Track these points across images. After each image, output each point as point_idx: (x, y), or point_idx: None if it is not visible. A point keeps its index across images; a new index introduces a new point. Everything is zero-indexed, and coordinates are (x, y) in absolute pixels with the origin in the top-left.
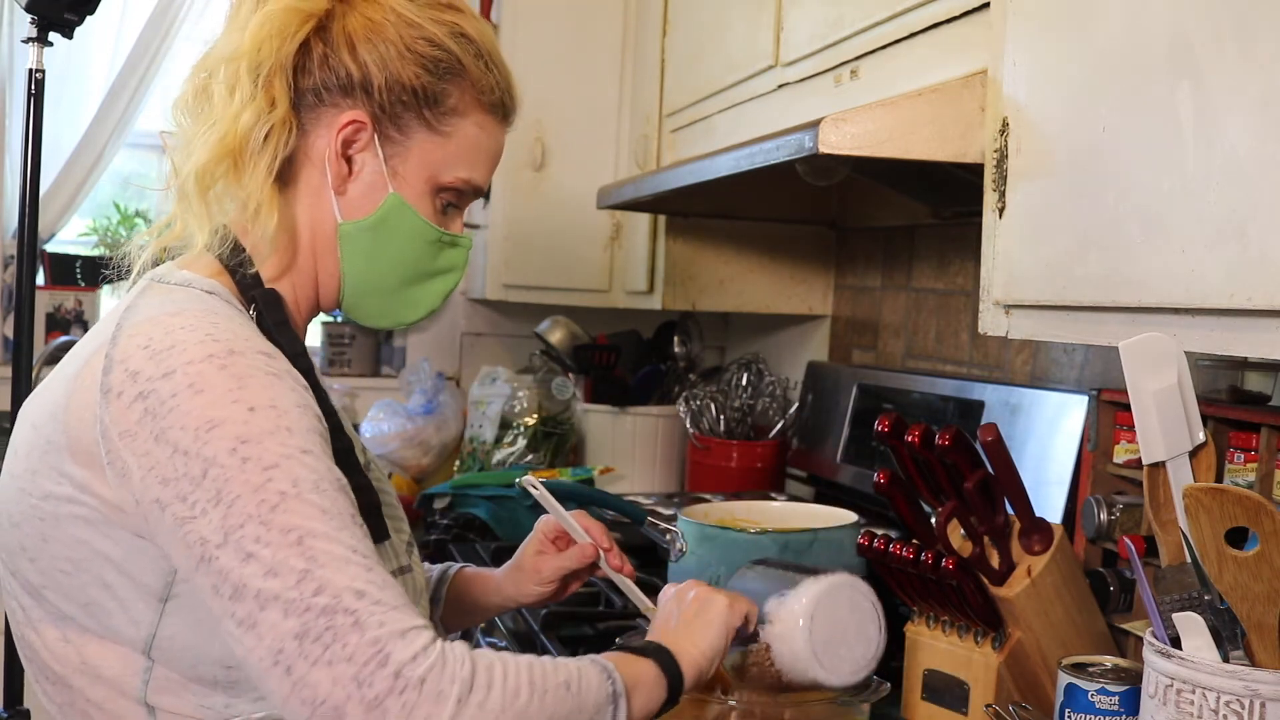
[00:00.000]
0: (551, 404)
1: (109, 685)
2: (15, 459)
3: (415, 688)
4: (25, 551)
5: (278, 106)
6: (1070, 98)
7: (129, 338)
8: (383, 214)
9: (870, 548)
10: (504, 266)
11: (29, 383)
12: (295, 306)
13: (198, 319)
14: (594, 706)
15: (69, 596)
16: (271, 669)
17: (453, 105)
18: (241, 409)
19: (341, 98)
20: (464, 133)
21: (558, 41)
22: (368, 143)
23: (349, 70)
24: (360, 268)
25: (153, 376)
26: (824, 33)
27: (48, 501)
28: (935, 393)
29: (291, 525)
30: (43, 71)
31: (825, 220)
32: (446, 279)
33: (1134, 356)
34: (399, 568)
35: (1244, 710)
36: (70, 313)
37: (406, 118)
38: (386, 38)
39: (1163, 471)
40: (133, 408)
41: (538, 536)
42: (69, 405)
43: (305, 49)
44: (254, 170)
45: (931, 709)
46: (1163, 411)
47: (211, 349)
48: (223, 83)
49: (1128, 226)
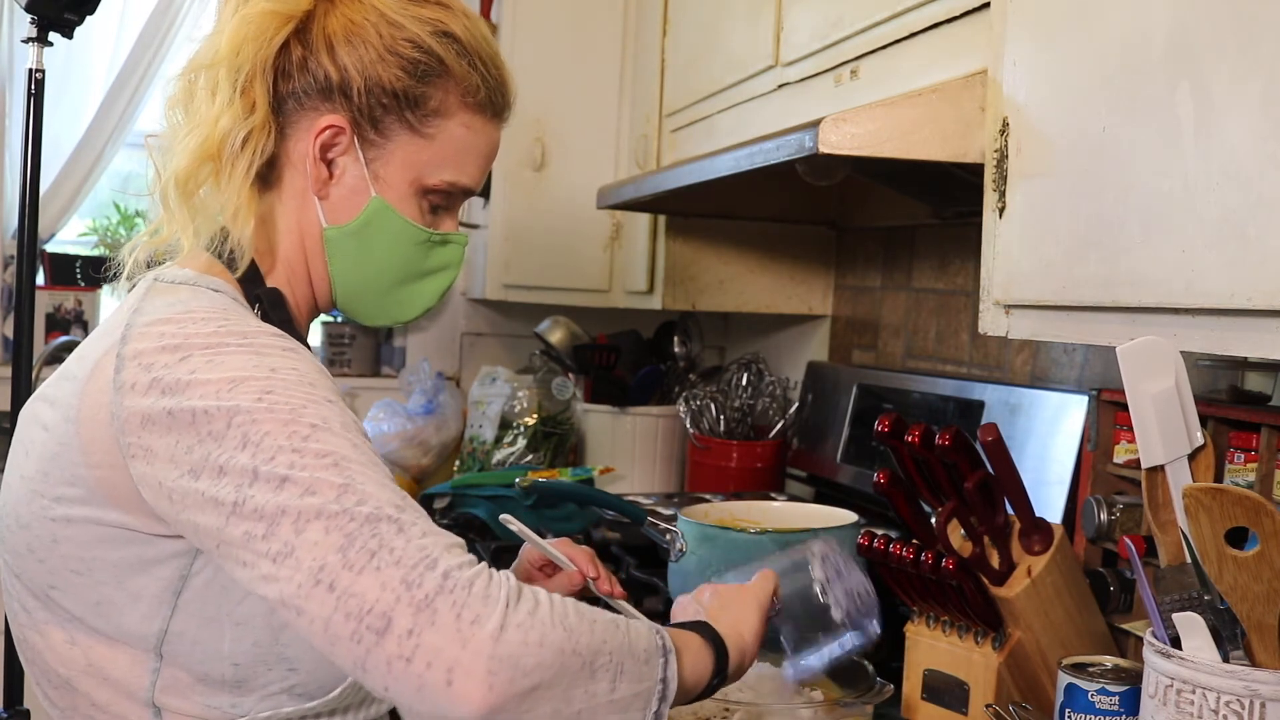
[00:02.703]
0: (551, 404)
1: (115, 687)
2: (27, 460)
3: (465, 588)
4: (34, 553)
5: (257, 110)
6: (1070, 98)
7: (140, 337)
8: (366, 218)
9: (870, 548)
10: (504, 266)
11: (29, 383)
12: (296, 306)
13: (208, 313)
14: (644, 651)
15: (80, 596)
16: (313, 590)
17: (435, 107)
18: (264, 368)
19: (321, 101)
20: (449, 134)
21: (558, 41)
22: (348, 146)
23: (328, 73)
24: (349, 271)
25: (169, 364)
26: (824, 33)
27: (60, 504)
28: (935, 393)
29: (326, 450)
30: (43, 71)
31: (825, 220)
32: (441, 277)
33: (1132, 360)
34: None
35: (1244, 710)
36: (70, 313)
37: (388, 120)
38: (367, 39)
39: (1162, 474)
40: (149, 394)
41: (523, 565)
42: (81, 408)
43: (285, 51)
44: (232, 174)
45: (931, 709)
46: (1161, 415)
47: (226, 334)
48: (204, 86)
49: (1128, 226)
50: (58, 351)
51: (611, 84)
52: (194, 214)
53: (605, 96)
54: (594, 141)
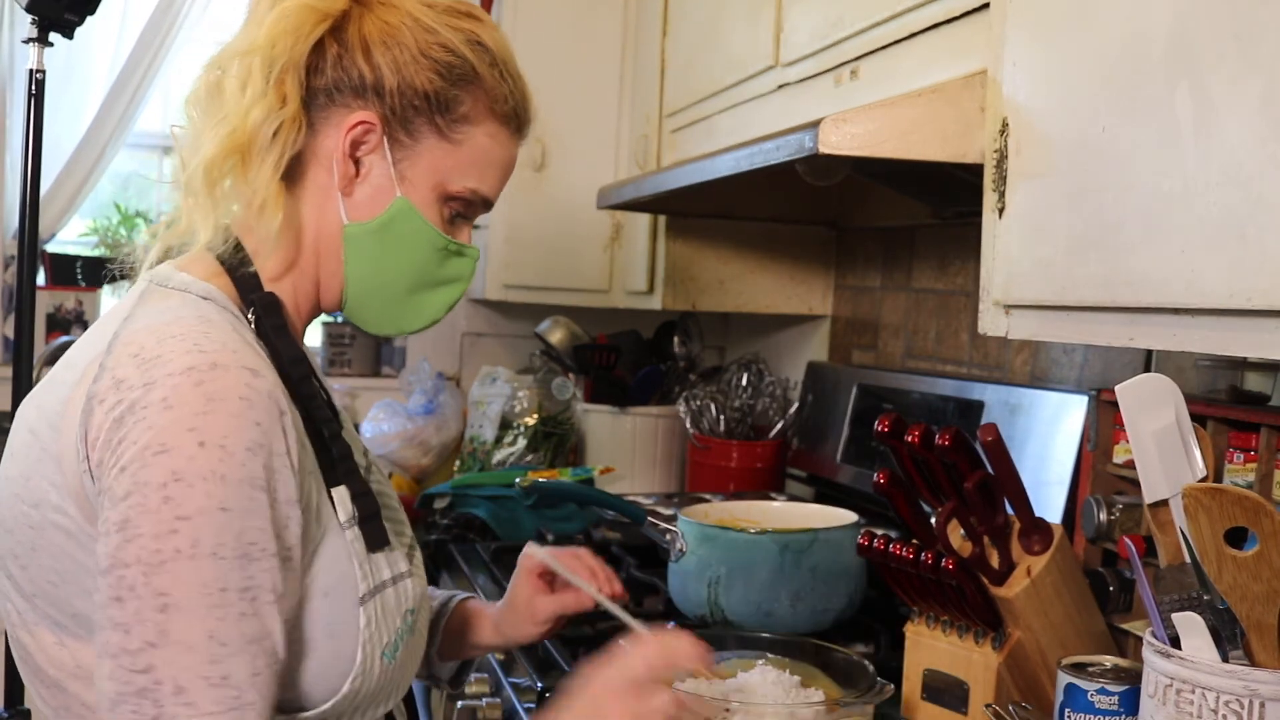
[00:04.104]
0: (551, 404)
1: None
2: (12, 463)
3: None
4: (17, 558)
5: (288, 104)
6: (1070, 98)
7: (123, 346)
8: (389, 217)
9: (870, 548)
10: (504, 267)
11: (29, 383)
12: (295, 309)
13: (189, 328)
14: None
15: (58, 606)
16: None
17: (465, 113)
18: (193, 440)
19: (353, 98)
20: (475, 141)
21: (558, 42)
22: (376, 145)
23: (362, 72)
24: (364, 271)
25: (134, 385)
26: (824, 33)
27: (38, 510)
28: (935, 393)
29: (165, 589)
30: (43, 72)
31: (825, 220)
32: (451, 289)
33: (1131, 398)
34: (396, 575)
35: (1243, 710)
36: (70, 313)
37: (417, 122)
38: (402, 42)
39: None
40: (109, 414)
41: (530, 578)
42: (64, 414)
43: (319, 48)
44: (261, 166)
45: (931, 709)
46: (1163, 451)
47: (194, 360)
48: (235, 77)
49: (1128, 226)
50: (58, 351)
51: (611, 84)
52: (216, 204)
53: (605, 96)
54: (594, 142)
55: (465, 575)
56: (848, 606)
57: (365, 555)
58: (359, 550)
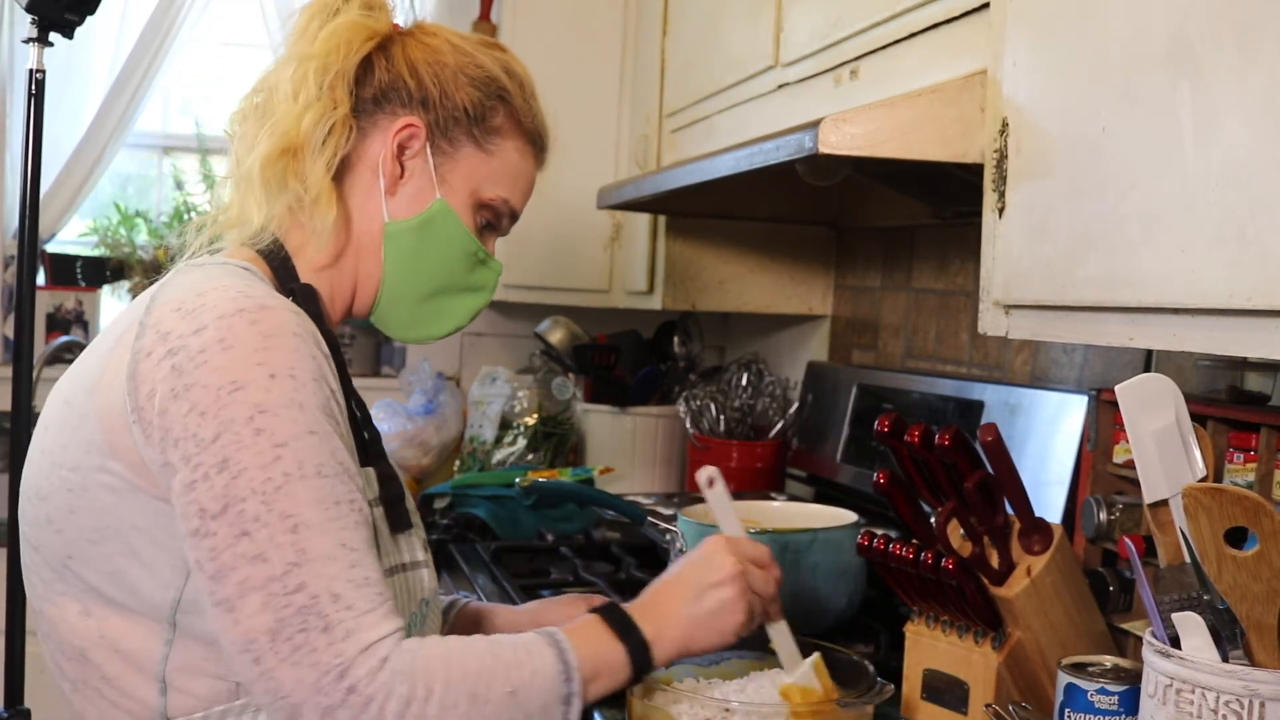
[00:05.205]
0: (551, 404)
1: (127, 659)
2: (46, 434)
3: (363, 705)
4: (52, 524)
5: (339, 107)
6: (1070, 98)
7: (161, 305)
8: (428, 216)
9: (870, 548)
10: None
11: (29, 383)
12: (330, 304)
13: (231, 281)
14: (540, 709)
15: (96, 566)
16: (241, 654)
17: (497, 125)
18: (264, 374)
19: (399, 107)
20: (505, 154)
21: (558, 42)
22: (420, 149)
23: (408, 84)
24: (401, 268)
25: (184, 334)
26: (824, 33)
27: (76, 473)
28: (935, 393)
29: (290, 511)
30: (43, 72)
31: (825, 220)
32: (476, 297)
33: (1131, 398)
34: (413, 561)
35: (1243, 710)
36: (70, 313)
37: (456, 132)
38: (443, 61)
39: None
40: (161, 365)
41: (577, 603)
42: (102, 377)
43: (367, 63)
44: (314, 164)
45: (931, 709)
46: (1163, 451)
47: (243, 304)
48: (289, 83)
49: (1128, 226)
50: (58, 351)
51: (611, 84)
52: (270, 196)
53: (605, 96)
54: (594, 141)
55: (465, 575)
56: (848, 606)
57: (389, 535)
58: (384, 529)
